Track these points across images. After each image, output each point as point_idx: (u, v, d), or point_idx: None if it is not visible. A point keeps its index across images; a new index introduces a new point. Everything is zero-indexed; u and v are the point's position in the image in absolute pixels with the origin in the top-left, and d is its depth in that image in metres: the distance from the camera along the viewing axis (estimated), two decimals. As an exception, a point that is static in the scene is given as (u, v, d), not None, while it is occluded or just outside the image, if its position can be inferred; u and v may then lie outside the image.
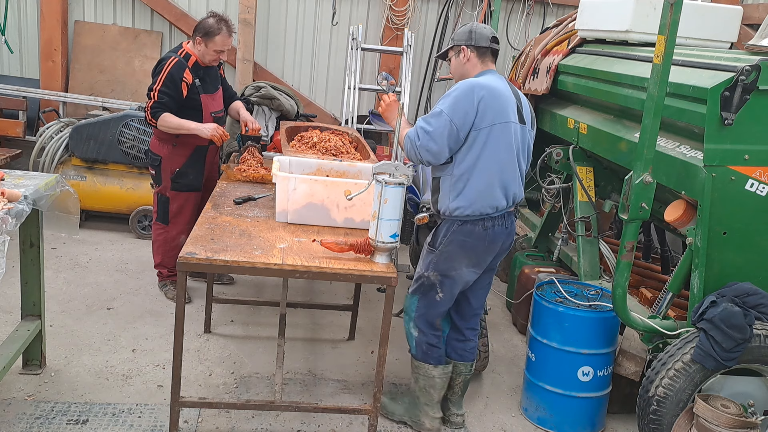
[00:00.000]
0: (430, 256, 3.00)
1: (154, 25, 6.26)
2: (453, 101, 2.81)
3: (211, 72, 4.13)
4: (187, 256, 2.58)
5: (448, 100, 2.82)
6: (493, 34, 3.02)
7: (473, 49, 3.01)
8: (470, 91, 2.81)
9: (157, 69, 3.94)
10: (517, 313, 4.51)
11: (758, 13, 5.28)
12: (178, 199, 4.14)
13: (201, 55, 3.99)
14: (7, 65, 6.20)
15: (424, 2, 6.43)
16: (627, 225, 2.94)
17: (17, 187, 2.85)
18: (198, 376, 3.49)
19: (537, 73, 4.86)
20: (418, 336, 3.13)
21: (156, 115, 3.87)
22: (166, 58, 3.96)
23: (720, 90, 2.83)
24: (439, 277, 3.00)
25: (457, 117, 2.78)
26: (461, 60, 3.04)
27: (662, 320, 3.22)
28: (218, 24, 3.92)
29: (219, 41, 3.94)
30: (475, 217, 2.88)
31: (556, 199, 4.53)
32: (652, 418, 2.89)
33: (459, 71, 3.07)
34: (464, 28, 3.06)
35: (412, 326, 3.14)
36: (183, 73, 3.90)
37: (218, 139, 3.93)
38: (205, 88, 4.04)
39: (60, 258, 4.84)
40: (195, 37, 3.97)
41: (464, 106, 2.79)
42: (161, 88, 3.86)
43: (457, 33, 3.08)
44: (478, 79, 2.90)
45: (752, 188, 2.91)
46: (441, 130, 2.78)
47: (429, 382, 3.15)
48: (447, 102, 2.82)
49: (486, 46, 3.01)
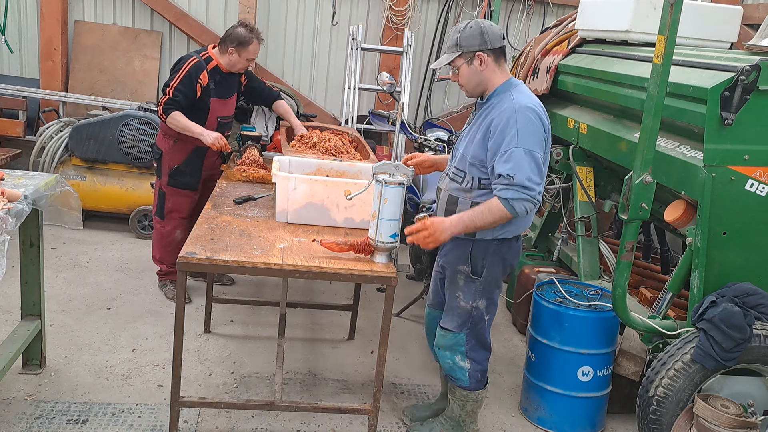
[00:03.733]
0: (474, 285, 2.82)
1: (154, 25, 6.26)
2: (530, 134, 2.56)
3: (230, 78, 4.19)
4: (187, 256, 2.58)
5: (525, 135, 2.55)
6: (501, 31, 2.79)
7: (489, 53, 2.69)
8: (538, 119, 2.60)
9: (176, 67, 4.02)
10: (517, 313, 4.51)
11: (758, 13, 5.28)
12: (173, 195, 4.20)
13: (231, 64, 4.07)
14: (7, 65, 6.20)
15: (424, 2, 6.43)
16: (627, 225, 2.94)
17: (17, 186, 2.85)
18: (198, 376, 3.49)
19: (537, 73, 4.86)
20: (471, 367, 2.92)
21: (168, 111, 3.94)
22: (187, 57, 4.05)
23: (720, 90, 2.83)
24: (486, 303, 2.85)
25: (543, 151, 2.61)
26: (477, 68, 2.70)
27: (662, 320, 3.22)
28: (250, 33, 4.03)
29: (252, 50, 4.05)
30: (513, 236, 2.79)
31: (556, 199, 4.53)
32: (651, 418, 2.89)
33: (474, 80, 2.73)
34: (472, 31, 2.67)
35: (461, 359, 2.91)
36: (200, 75, 3.98)
37: (218, 149, 3.97)
38: (218, 92, 4.10)
39: (60, 258, 4.84)
40: (226, 47, 4.04)
41: (539, 138, 2.60)
42: (177, 86, 3.94)
43: (463, 37, 2.68)
44: (530, 99, 2.65)
45: (752, 188, 2.91)
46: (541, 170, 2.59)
47: (478, 404, 3.05)
48: (525, 137, 2.55)
49: (501, 46, 2.71)
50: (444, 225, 2.66)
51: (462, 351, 2.90)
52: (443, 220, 2.67)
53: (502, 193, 2.54)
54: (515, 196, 2.53)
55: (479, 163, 2.69)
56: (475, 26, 2.68)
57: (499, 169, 2.57)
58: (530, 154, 2.54)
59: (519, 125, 2.55)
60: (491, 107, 2.69)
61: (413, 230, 2.67)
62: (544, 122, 2.62)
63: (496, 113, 2.63)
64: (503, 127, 2.58)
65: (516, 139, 2.54)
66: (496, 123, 2.61)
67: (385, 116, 4.76)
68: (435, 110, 6.64)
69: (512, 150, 2.54)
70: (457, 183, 2.78)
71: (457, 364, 2.92)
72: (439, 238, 2.65)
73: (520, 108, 2.58)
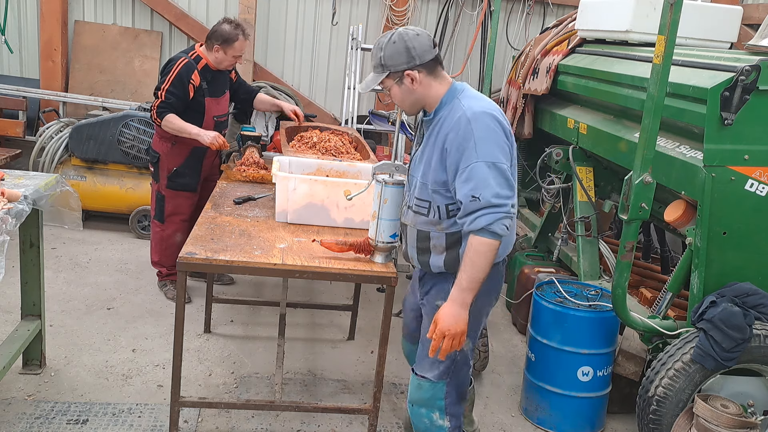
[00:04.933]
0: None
1: (154, 25, 6.26)
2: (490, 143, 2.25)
3: (220, 76, 4.16)
4: (187, 256, 2.58)
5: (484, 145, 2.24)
6: (430, 37, 2.38)
7: (420, 68, 2.34)
8: (496, 124, 2.29)
9: (166, 69, 3.97)
10: (516, 313, 4.51)
11: (758, 13, 5.28)
12: (173, 198, 4.17)
13: (218, 62, 4.03)
14: (7, 65, 6.20)
15: (424, 2, 6.43)
16: (627, 225, 2.94)
17: (17, 187, 2.85)
18: (198, 376, 3.49)
19: (537, 73, 4.86)
20: (451, 425, 2.55)
21: (161, 114, 3.90)
22: (176, 58, 3.99)
23: (720, 90, 2.83)
24: (471, 343, 2.51)
25: (507, 159, 2.29)
26: (409, 87, 2.36)
27: (662, 320, 3.23)
28: (235, 30, 3.97)
29: (238, 47, 3.99)
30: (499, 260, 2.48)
31: (555, 199, 4.53)
32: (651, 418, 2.90)
33: (410, 100, 2.40)
34: (396, 47, 2.32)
35: (439, 417, 2.54)
36: (191, 75, 3.93)
37: (217, 148, 3.96)
38: (211, 91, 4.07)
39: (60, 258, 4.84)
40: (211, 44, 4.00)
41: (502, 145, 2.28)
42: (169, 88, 3.89)
43: (387, 55, 2.33)
44: (483, 103, 2.34)
45: (752, 188, 2.91)
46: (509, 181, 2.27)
47: None
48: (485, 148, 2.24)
49: (433, 57, 2.36)
50: (452, 312, 2.29)
51: (441, 406, 2.51)
52: (445, 309, 2.31)
53: (475, 224, 2.22)
54: (490, 220, 2.21)
55: (442, 188, 2.36)
56: (399, 41, 2.32)
57: (461, 190, 2.25)
58: (494, 166, 2.22)
59: (476, 135, 2.24)
60: (441, 121, 2.35)
61: (435, 348, 2.33)
62: (504, 126, 2.31)
63: (449, 126, 2.30)
64: (459, 141, 2.26)
65: (475, 152, 2.23)
66: (451, 138, 2.28)
67: (385, 116, 4.76)
68: (435, 110, 6.63)
69: (472, 166, 2.23)
70: (423, 216, 2.44)
71: (435, 423, 2.54)
72: (461, 328, 2.29)
73: (475, 115, 2.26)
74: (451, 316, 2.28)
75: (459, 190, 2.27)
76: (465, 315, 2.29)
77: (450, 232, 2.40)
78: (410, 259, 2.55)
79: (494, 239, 2.23)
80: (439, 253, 2.45)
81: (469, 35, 6.50)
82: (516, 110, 5.10)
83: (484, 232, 2.22)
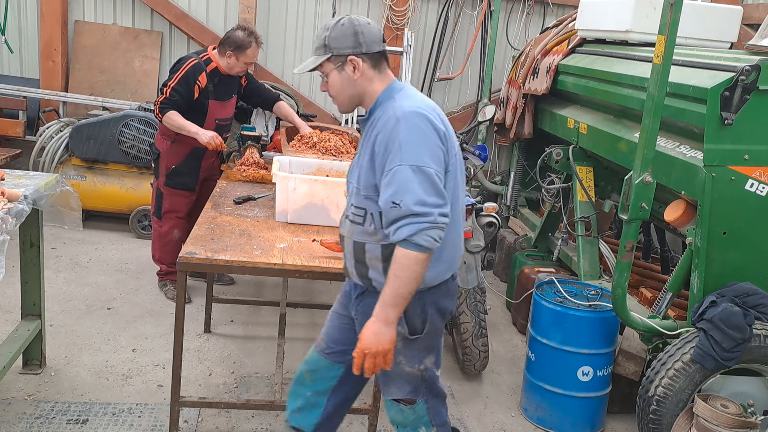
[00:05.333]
0: (416, 345, 2.26)
1: (154, 25, 6.26)
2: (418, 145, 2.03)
3: (229, 80, 4.18)
4: (187, 256, 2.58)
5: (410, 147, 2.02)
6: (381, 30, 2.22)
7: (365, 58, 2.16)
8: (428, 124, 2.07)
9: (175, 67, 4.03)
10: (516, 313, 4.51)
11: (758, 13, 5.28)
12: (170, 196, 4.21)
13: (229, 67, 4.06)
14: (7, 65, 6.20)
15: (424, 2, 6.43)
16: (627, 225, 2.94)
17: (17, 186, 2.85)
18: (198, 376, 3.49)
19: (537, 73, 4.86)
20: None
21: (163, 111, 3.95)
22: (186, 57, 4.05)
23: (720, 90, 2.83)
24: (434, 357, 2.34)
25: (438, 164, 2.06)
26: (350, 75, 2.17)
27: (662, 320, 3.23)
28: (248, 37, 4.00)
29: (250, 54, 4.02)
30: (448, 276, 2.29)
31: (556, 199, 4.53)
32: (651, 418, 2.90)
33: (348, 91, 2.20)
34: (344, 29, 2.16)
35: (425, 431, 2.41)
36: (198, 76, 3.98)
37: (213, 148, 3.98)
38: (217, 94, 4.09)
39: (60, 258, 4.84)
40: (224, 50, 4.02)
41: (432, 148, 2.06)
42: (175, 86, 3.95)
43: (333, 36, 2.16)
44: (417, 102, 2.12)
45: (752, 188, 2.91)
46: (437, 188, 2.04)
47: None
48: (411, 150, 2.02)
49: (380, 50, 2.19)
50: (374, 329, 2.09)
51: (426, 422, 2.39)
52: (367, 327, 2.11)
53: (397, 235, 2.01)
54: (412, 231, 1.98)
55: (374, 193, 2.14)
56: (348, 24, 2.16)
57: (383, 196, 2.05)
58: (419, 171, 2.00)
59: (402, 136, 2.03)
60: (375, 121, 2.16)
61: (357, 366, 2.14)
62: (437, 127, 2.08)
63: (380, 126, 2.11)
64: (386, 141, 2.06)
65: (400, 154, 2.01)
66: (380, 139, 2.08)
67: (385, 116, 4.76)
68: (435, 110, 6.63)
69: (395, 169, 2.01)
70: (359, 225, 2.20)
71: None
72: (384, 347, 2.09)
73: (404, 114, 2.06)
74: (373, 334, 2.08)
75: (381, 194, 2.07)
76: (389, 333, 2.08)
77: (385, 244, 2.15)
78: (350, 274, 2.31)
79: (419, 251, 2.00)
80: (376, 266, 2.19)
81: (469, 35, 6.51)
82: (516, 110, 5.10)
83: (407, 244, 2.00)
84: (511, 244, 5.18)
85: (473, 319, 3.66)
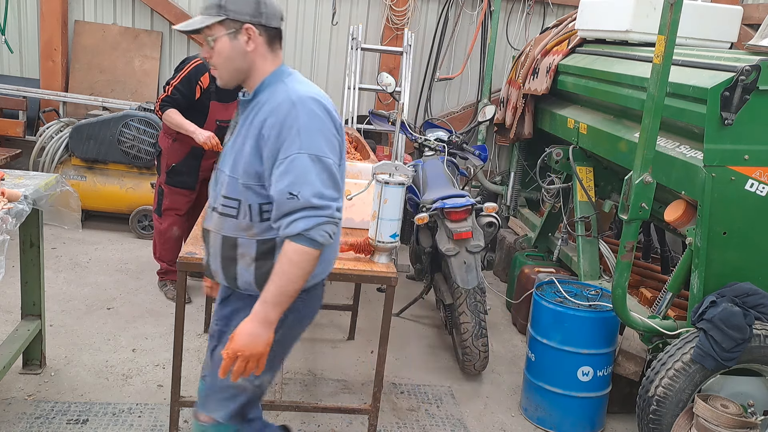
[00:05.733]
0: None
1: (154, 25, 6.26)
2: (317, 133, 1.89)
3: None
4: (187, 256, 2.58)
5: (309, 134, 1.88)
6: (282, 11, 2.04)
7: (263, 30, 1.96)
8: (325, 113, 1.94)
9: (179, 66, 4.05)
10: (516, 313, 4.51)
11: (758, 13, 5.28)
12: (170, 194, 4.25)
13: None
14: (7, 65, 6.20)
15: (424, 2, 6.43)
16: (627, 225, 2.94)
17: (17, 186, 2.85)
18: (198, 376, 3.48)
19: (537, 73, 4.86)
20: None
21: (163, 108, 3.99)
22: (191, 57, 4.08)
23: (720, 90, 2.83)
24: (270, 376, 2.13)
25: (335, 155, 1.94)
26: (242, 46, 1.96)
27: (662, 320, 3.23)
28: None
29: None
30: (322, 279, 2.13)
31: (556, 199, 4.53)
32: (651, 418, 2.90)
33: (235, 63, 1.98)
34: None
35: None
36: (201, 77, 3.99)
37: (209, 148, 3.99)
38: (219, 95, 4.10)
39: (60, 258, 4.84)
40: None
41: (329, 138, 1.93)
42: (177, 85, 3.98)
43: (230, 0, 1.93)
44: (312, 88, 1.99)
45: (752, 188, 2.91)
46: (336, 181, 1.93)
47: None
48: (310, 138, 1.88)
49: (278, 27, 2.02)
50: (250, 329, 1.89)
51: None
52: (243, 326, 1.90)
53: (291, 228, 1.84)
54: (309, 224, 1.83)
55: (256, 183, 1.95)
56: None
57: (277, 185, 1.87)
58: (318, 160, 1.87)
59: (301, 122, 1.87)
60: (260, 104, 1.98)
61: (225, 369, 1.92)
62: (333, 117, 1.97)
63: (269, 109, 1.93)
64: (280, 126, 1.88)
65: (298, 141, 1.86)
66: (270, 123, 1.90)
67: (385, 116, 4.77)
68: (435, 110, 6.64)
69: (293, 157, 1.85)
70: (231, 218, 2.00)
71: None
72: (259, 349, 1.90)
73: (300, 99, 1.91)
74: (248, 334, 1.88)
75: (274, 184, 1.88)
76: (266, 335, 1.90)
77: (262, 239, 1.98)
78: (213, 274, 2.11)
79: (313, 248, 1.85)
80: (248, 265, 2.00)
81: (469, 35, 6.51)
82: (516, 110, 5.10)
83: (301, 239, 1.84)
84: (511, 244, 5.18)
85: (473, 319, 3.66)
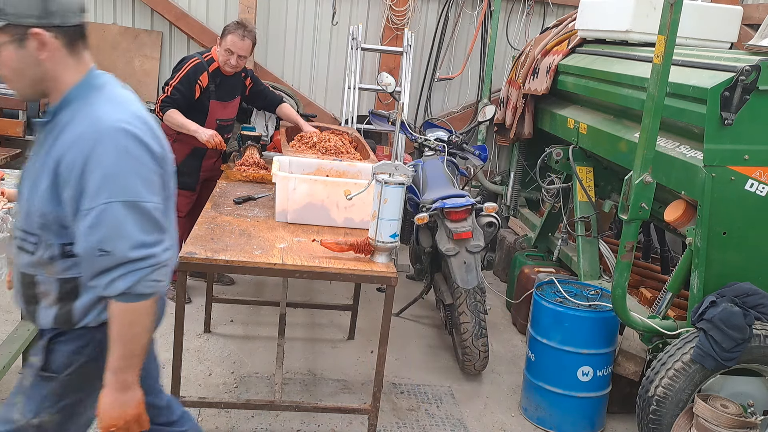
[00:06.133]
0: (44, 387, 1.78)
1: (154, 25, 6.25)
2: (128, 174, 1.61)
3: (232, 81, 4.18)
4: (187, 256, 2.58)
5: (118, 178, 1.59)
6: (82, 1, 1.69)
7: (56, 33, 1.62)
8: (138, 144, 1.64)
9: (178, 66, 4.06)
10: (516, 313, 4.51)
11: (758, 13, 5.28)
12: None
13: (222, 61, 4.06)
14: (7, 65, 6.20)
15: (424, 2, 6.42)
16: (627, 225, 2.94)
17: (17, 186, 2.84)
18: (198, 376, 3.49)
19: (537, 73, 4.86)
20: None
21: (164, 109, 3.98)
22: (189, 57, 4.08)
23: (720, 90, 2.83)
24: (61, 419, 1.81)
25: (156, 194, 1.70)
26: (33, 54, 1.61)
27: (662, 320, 3.23)
28: (236, 26, 4.01)
29: (230, 41, 3.99)
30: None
31: (555, 199, 4.53)
32: (651, 418, 2.90)
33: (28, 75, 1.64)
34: None
35: None
36: (199, 76, 3.99)
37: (212, 147, 3.99)
38: (218, 94, 4.10)
39: (60, 258, 4.83)
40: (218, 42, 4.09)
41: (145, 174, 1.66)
42: (176, 85, 3.97)
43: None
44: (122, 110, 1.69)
45: (752, 188, 2.91)
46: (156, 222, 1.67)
47: None
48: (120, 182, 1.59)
49: (78, 24, 1.69)
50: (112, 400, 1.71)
51: None
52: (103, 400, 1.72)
53: (112, 289, 1.61)
54: (130, 281, 1.61)
55: (56, 224, 1.66)
56: None
57: (85, 241, 1.59)
58: (134, 207, 1.61)
59: (106, 164, 1.58)
60: (60, 128, 1.65)
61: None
62: (150, 148, 1.68)
63: (69, 141, 1.61)
64: (83, 166, 1.58)
65: (107, 188, 1.58)
66: (69, 161, 1.59)
67: (385, 116, 4.77)
68: (435, 110, 6.64)
69: (102, 208, 1.57)
70: (27, 254, 1.72)
71: None
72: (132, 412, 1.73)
73: (108, 131, 1.60)
74: (112, 407, 1.71)
75: (83, 238, 1.60)
76: (132, 395, 1.73)
77: (65, 278, 1.71)
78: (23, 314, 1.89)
79: (143, 301, 1.64)
80: (50, 305, 1.73)
81: (469, 35, 6.50)
82: (516, 110, 5.10)
83: (127, 297, 1.62)
84: (511, 244, 5.18)
85: (473, 319, 3.66)
